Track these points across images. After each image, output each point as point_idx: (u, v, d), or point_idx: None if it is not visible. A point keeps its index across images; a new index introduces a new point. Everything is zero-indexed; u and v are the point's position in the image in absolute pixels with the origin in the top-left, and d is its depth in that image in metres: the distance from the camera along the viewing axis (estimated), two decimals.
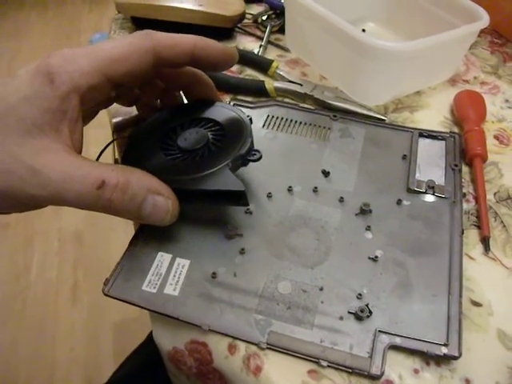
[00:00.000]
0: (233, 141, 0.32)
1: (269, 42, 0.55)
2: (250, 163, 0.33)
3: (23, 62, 2.24)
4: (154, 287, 0.31)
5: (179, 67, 0.34)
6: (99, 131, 0.82)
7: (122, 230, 1.35)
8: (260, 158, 0.32)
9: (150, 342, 0.64)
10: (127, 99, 0.38)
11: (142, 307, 0.30)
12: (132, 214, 0.28)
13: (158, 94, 0.38)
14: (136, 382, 0.54)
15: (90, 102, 0.29)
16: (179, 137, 0.34)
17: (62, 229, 1.48)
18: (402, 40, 0.54)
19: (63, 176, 0.26)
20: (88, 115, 0.34)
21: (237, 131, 0.33)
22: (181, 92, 0.38)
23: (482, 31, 0.49)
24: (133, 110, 0.42)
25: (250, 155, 0.32)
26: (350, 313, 0.30)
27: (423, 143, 0.41)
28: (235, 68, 0.52)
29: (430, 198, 0.37)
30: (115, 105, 0.37)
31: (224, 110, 0.35)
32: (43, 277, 1.36)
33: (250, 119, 0.34)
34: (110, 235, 1.41)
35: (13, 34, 2.40)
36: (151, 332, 0.61)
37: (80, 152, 0.29)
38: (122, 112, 0.45)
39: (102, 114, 0.45)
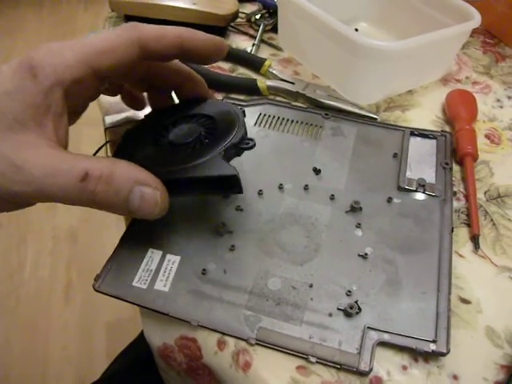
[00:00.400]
0: (225, 133, 0.32)
1: (262, 40, 0.55)
2: (242, 159, 0.33)
3: None
4: (145, 283, 0.31)
5: (168, 60, 0.34)
6: (92, 129, 0.81)
7: (116, 229, 1.34)
8: (254, 146, 0.31)
9: (141, 339, 0.64)
10: (112, 90, 0.38)
11: (132, 303, 0.30)
12: (120, 208, 0.27)
13: (145, 89, 0.38)
14: (127, 379, 0.54)
15: (76, 96, 0.29)
16: (171, 133, 0.33)
17: (56, 227, 1.47)
18: (394, 39, 0.54)
19: (46, 170, 0.25)
20: (77, 110, 0.33)
21: (229, 123, 0.33)
22: (172, 93, 0.38)
23: (475, 31, 0.50)
24: (124, 109, 0.42)
25: (243, 143, 0.31)
26: (339, 309, 0.30)
27: (414, 142, 0.41)
28: (227, 66, 0.52)
29: (420, 196, 0.37)
30: (108, 102, 0.37)
31: (216, 105, 0.35)
32: (36, 275, 1.36)
33: (243, 112, 0.34)
34: (104, 234, 1.41)
35: (8, 33, 2.39)
36: (143, 330, 0.61)
37: (66, 147, 0.29)
38: (114, 109, 0.45)
39: (95, 112, 0.45)
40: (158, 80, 0.36)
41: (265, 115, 0.44)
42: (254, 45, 0.54)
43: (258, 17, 0.58)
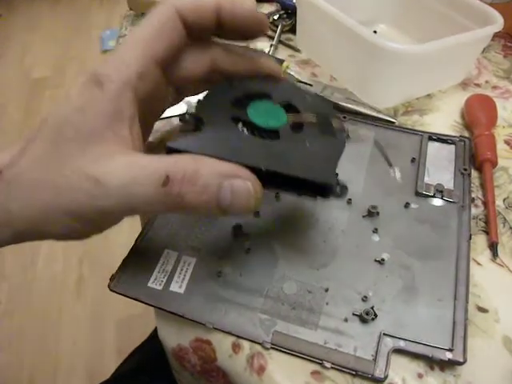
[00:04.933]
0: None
1: (280, 41, 0.55)
2: None
3: (34, 54, 2.26)
4: (160, 284, 0.31)
5: (207, 34, 0.31)
6: None
7: (129, 225, 1.35)
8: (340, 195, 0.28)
9: (153, 339, 0.64)
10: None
11: (147, 304, 0.30)
12: (211, 207, 0.25)
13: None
14: (139, 379, 0.54)
15: (146, 95, 0.28)
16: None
17: None
18: (413, 42, 0.54)
19: (126, 181, 0.24)
20: (152, 115, 0.32)
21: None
22: None
23: (496, 35, 0.49)
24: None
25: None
26: (354, 315, 0.30)
27: (433, 147, 0.41)
28: None
29: (438, 201, 0.36)
30: None
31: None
32: (49, 270, 1.37)
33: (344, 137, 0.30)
34: (117, 229, 1.41)
35: (24, 28, 2.42)
36: (154, 329, 0.61)
37: (141, 148, 0.28)
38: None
39: None
40: (225, 71, 0.33)
41: None
42: (271, 45, 0.54)
43: (276, 17, 0.57)
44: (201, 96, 0.31)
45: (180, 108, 0.45)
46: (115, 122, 0.26)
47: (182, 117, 0.30)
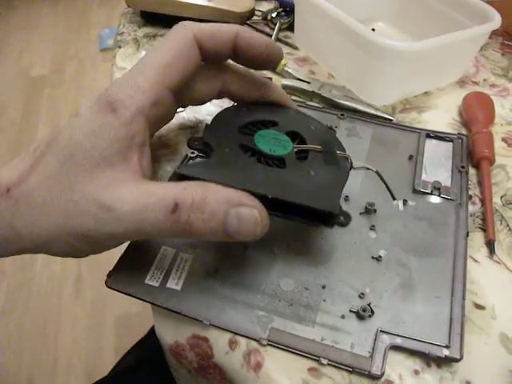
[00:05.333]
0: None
1: (278, 39, 0.55)
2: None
3: (33, 53, 2.25)
4: (157, 281, 0.31)
5: (222, 60, 0.32)
6: None
7: None
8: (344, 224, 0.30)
9: (151, 336, 0.65)
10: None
11: (144, 300, 0.30)
12: (218, 234, 0.26)
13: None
14: (136, 376, 0.55)
15: (156, 119, 0.28)
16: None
17: None
18: (411, 40, 0.54)
19: (135, 207, 0.25)
20: (152, 131, 0.32)
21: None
22: None
23: (494, 33, 0.49)
24: None
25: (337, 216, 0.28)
26: (351, 312, 0.30)
27: (430, 144, 0.41)
28: None
29: (435, 199, 0.36)
30: None
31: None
32: (48, 269, 1.37)
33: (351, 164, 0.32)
34: None
35: (24, 27, 2.42)
36: (153, 326, 0.61)
37: (150, 175, 0.28)
38: None
39: None
40: (234, 94, 0.34)
41: None
42: None
43: (274, 15, 0.57)
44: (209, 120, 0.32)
45: None
46: (126, 149, 0.26)
47: (190, 142, 0.31)
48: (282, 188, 0.28)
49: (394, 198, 0.30)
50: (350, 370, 0.28)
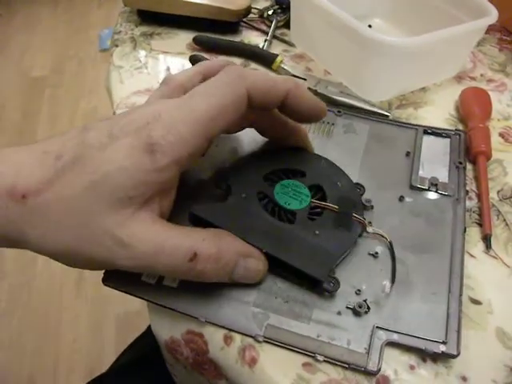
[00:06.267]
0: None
1: (274, 36, 0.55)
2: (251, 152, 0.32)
3: (33, 53, 2.26)
4: (153, 278, 0.31)
5: (265, 110, 0.32)
6: None
7: None
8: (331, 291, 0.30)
9: (148, 333, 0.65)
10: None
11: (140, 297, 0.30)
12: (223, 278, 0.28)
13: None
14: (135, 372, 0.55)
15: (189, 165, 0.28)
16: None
17: None
18: (408, 36, 0.53)
19: (153, 249, 0.25)
20: None
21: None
22: None
23: (491, 28, 0.49)
24: None
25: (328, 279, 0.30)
26: (348, 308, 0.30)
27: (427, 140, 0.41)
28: (239, 62, 0.52)
29: (432, 195, 0.36)
30: None
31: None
32: (48, 269, 1.37)
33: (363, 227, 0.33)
34: None
35: (24, 29, 2.42)
36: (150, 324, 0.61)
37: (167, 217, 0.29)
38: None
39: None
40: (262, 130, 0.35)
41: None
42: (266, 40, 0.54)
43: (270, 12, 0.57)
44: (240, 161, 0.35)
45: None
46: (151, 192, 0.26)
47: (217, 181, 0.33)
48: (280, 245, 0.30)
49: (393, 282, 0.31)
50: (346, 366, 0.28)
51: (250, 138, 0.37)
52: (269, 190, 0.32)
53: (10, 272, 1.37)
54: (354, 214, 0.32)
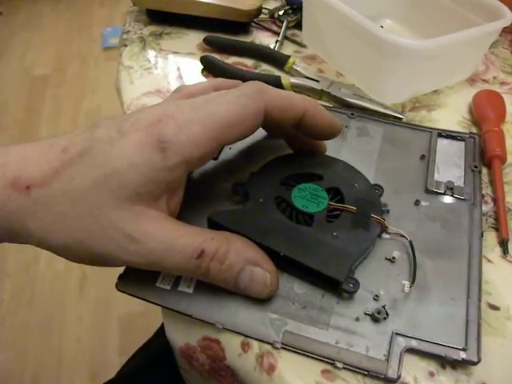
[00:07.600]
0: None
1: (285, 37, 0.55)
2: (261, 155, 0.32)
3: (35, 52, 2.25)
4: (168, 284, 0.30)
5: (281, 127, 0.33)
6: None
7: None
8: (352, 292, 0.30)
9: (157, 337, 0.64)
10: None
11: (155, 304, 0.30)
12: (229, 284, 0.28)
13: None
14: (144, 378, 0.54)
15: (199, 165, 0.28)
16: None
17: None
18: (420, 38, 0.53)
19: (163, 245, 0.25)
20: None
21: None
22: None
23: (504, 30, 0.48)
24: None
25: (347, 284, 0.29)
26: (366, 314, 0.29)
27: (442, 143, 0.40)
28: (251, 63, 0.52)
29: (448, 199, 0.36)
30: None
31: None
32: (52, 268, 1.37)
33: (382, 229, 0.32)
34: None
35: (26, 27, 2.42)
36: (159, 327, 0.61)
37: (175, 215, 0.29)
38: None
39: None
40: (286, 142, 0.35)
41: None
42: (277, 41, 0.53)
43: (281, 13, 0.57)
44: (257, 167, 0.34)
45: None
46: (159, 189, 0.26)
47: (235, 187, 0.33)
48: (297, 247, 0.29)
49: (413, 281, 0.31)
50: (366, 373, 0.27)
51: (263, 137, 0.38)
52: (286, 194, 0.32)
53: (13, 272, 1.37)
54: (372, 215, 0.32)
